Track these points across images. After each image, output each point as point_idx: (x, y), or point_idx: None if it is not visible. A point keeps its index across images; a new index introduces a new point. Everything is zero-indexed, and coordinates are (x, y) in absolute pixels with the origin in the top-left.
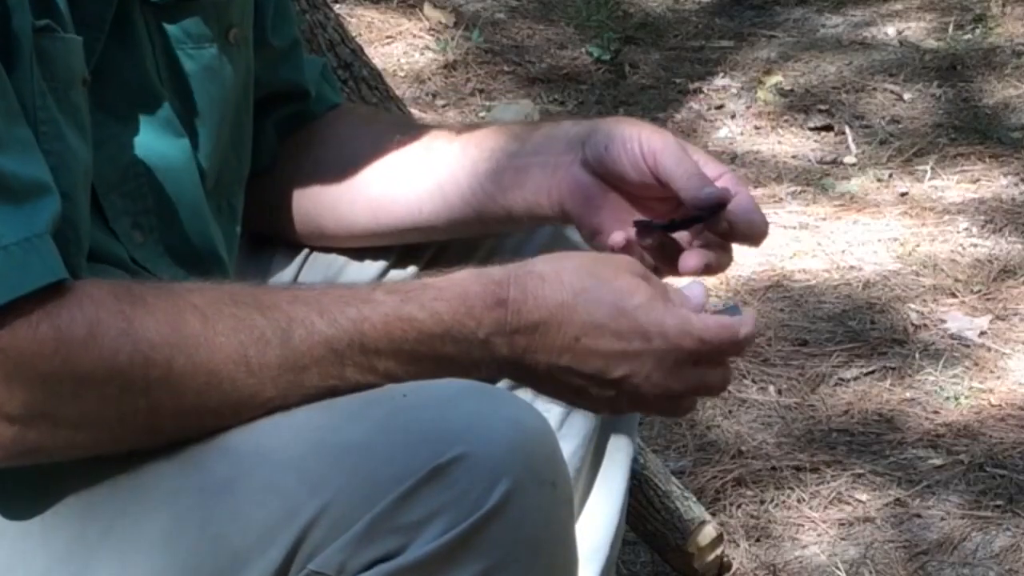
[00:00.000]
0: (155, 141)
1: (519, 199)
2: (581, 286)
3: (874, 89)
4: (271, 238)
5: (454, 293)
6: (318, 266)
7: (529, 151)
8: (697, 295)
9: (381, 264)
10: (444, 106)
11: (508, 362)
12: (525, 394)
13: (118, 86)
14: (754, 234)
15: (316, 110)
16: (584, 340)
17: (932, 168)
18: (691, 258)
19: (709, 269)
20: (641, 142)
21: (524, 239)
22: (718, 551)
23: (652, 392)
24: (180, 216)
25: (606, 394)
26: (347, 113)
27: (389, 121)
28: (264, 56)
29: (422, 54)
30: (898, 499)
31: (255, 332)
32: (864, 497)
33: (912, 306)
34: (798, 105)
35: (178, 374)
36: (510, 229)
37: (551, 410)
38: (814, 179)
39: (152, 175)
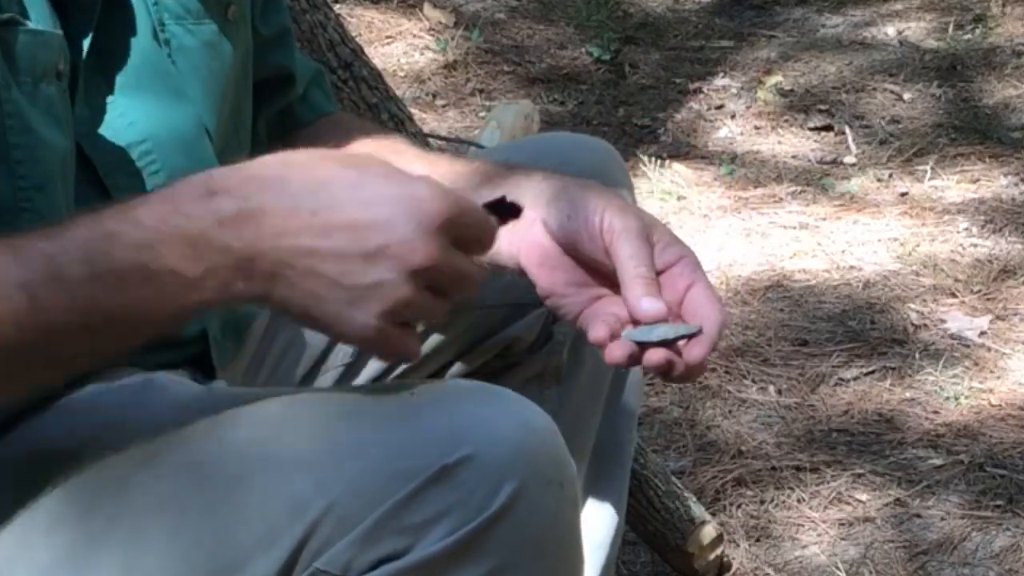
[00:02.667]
0: (166, 115)
1: None
2: (310, 162)
3: (874, 89)
4: None
5: (159, 196)
6: None
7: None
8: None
9: None
10: (444, 106)
11: (245, 260)
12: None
13: (122, 64)
14: (712, 335)
15: (304, 116)
16: (323, 214)
17: (932, 168)
18: (654, 354)
19: (672, 368)
20: (603, 218)
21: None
22: (718, 551)
23: (423, 262)
24: None
25: (375, 275)
26: (329, 130)
27: (364, 142)
28: (253, 44)
29: (422, 54)
30: (898, 499)
31: None
32: (864, 497)
33: (912, 306)
34: (798, 105)
35: None
36: None
37: None
38: (814, 179)
39: (163, 149)
